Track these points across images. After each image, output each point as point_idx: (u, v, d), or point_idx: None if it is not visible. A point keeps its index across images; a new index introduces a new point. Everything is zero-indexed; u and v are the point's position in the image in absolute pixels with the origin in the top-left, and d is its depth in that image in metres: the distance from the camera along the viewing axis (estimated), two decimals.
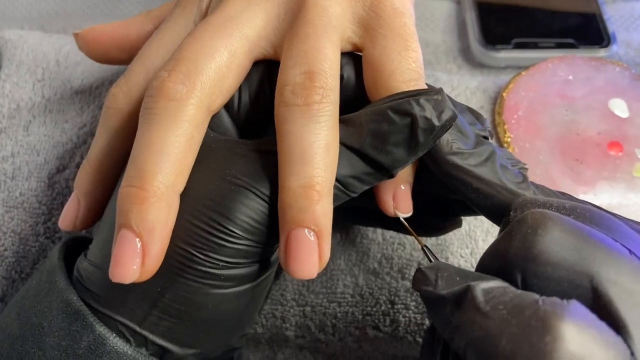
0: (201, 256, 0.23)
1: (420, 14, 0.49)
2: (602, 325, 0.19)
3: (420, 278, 0.23)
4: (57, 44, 0.40)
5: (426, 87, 0.26)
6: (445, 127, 0.24)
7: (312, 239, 0.23)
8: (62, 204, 0.35)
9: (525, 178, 0.25)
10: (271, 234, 0.24)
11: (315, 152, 0.23)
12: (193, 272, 0.24)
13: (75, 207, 0.29)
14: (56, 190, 0.35)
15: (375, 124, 0.24)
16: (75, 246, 0.29)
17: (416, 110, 0.23)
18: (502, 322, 0.19)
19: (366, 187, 0.25)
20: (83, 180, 0.28)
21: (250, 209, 0.24)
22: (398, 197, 0.27)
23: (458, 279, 0.22)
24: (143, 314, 0.24)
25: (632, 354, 0.18)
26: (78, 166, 0.35)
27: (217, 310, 0.25)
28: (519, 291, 0.20)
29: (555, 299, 0.19)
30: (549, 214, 0.21)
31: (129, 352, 0.24)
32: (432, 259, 0.25)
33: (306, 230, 0.23)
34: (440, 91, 0.24)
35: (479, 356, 0.20)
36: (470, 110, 0.28)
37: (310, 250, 0.23)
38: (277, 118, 0.24)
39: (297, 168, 0.23)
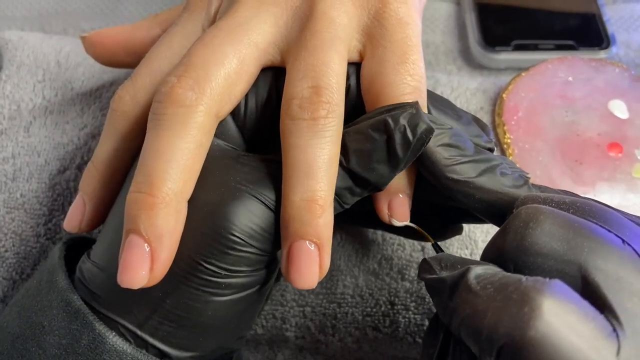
0: (204, 264, 0.24)
1: None
2: (584, 302, 0.20)
3: (425, 267, 0.24)
4: (57, 45, 0.40)
5: (424, 99, 0.27)
6: (422, 140, 0.24)
7: (314, 250, 0.24)
8: (63, 205, 0.35)
9: (526, 181, 0.26)
10: (275, 241, 0.25)
11: (320, 166, 0.24)
12: (195, 280, 0.24)
13: (80, 210, 0.29)
14: (57, 191, 0.35)
15: (358, 143, 0.25)
16: (76, 246, 0.29)
17: (392, 125, 0.24)
18: (489, 299, 0.20)
19: (357, 198, 0.26)
20: (88, 183, 0.28)
21: (255, 215, 0.24)
22: (393, 205, 0.27)
23: (459, 266, 0.23)
24: (144, 317, 0.25)
25: (614, 330, 0.19)
26: (79, 167, 0.35)
27: (216, 317, 0.25)
28: (508, 273, 0.21)
29: (538, 278, 0.20)
30: (542, 208, 0.22)
31: (128, 350, 0.24)
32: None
33: (308, 242, 0.24)
34: (415, 105, 0.24)
35: (469, 333, 0.21)
36: (476, 121, 0.28)
37: (312, 261, 0.24)
38: (282, 130, 0.25)
39: (302, 181, 0.24)
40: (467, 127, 0.27)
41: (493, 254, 0.23)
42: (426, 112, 0.27)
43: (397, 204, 0.27)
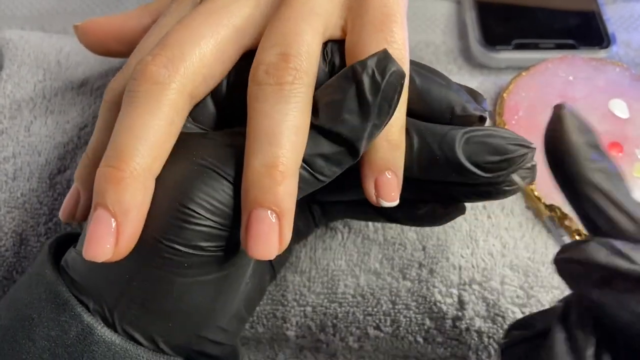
0: (163, 241, 0.23)
1: (420, 14, 0.49)
2: None
3: (606, 251, 0.21)
4: (57, 44, 0.40)
5: (405, 69, 0.26)
6: (393, 84, 0.23)
7: (273, 220, 0.23)
8: None
9: None
10: (236, 216, 0.24)
11: (283, 132, 0.23)
12: (157, 260, 0.23)
13: (75, 199, 0.29)
14: (57, 190, 0.35)
15: (327, 96, 0.24)
16: (68, 241, 0.29)
17: (359, 70, 0.23)
18: None
19: (335, 169, 0.25)
20: (83, 173, 0.28)
21: (212, 189, 0.23)
22: (380, 184, 0.26)
23: None
24: (113, 301, 0.24)
25: None
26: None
27: (182, 300, 0.25)
28: None
29: None
30: None
31: (117, 341, 0.24)
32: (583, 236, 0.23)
33: (268, 211, 0.23)
34: (384, 51, 0.24)
35: None
36: (469, 91, 0.28)
37: (271, 231, 0.23)
38: (249, 96, 0.24)
39: (264, 147, 0.23)
40: (455, 94, 0.26)
41: None
42: (406, 81, 0.26)
43: (383, 182, 0.26)
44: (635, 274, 0.20)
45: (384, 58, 0.24)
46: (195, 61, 0.25)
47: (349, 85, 0.24)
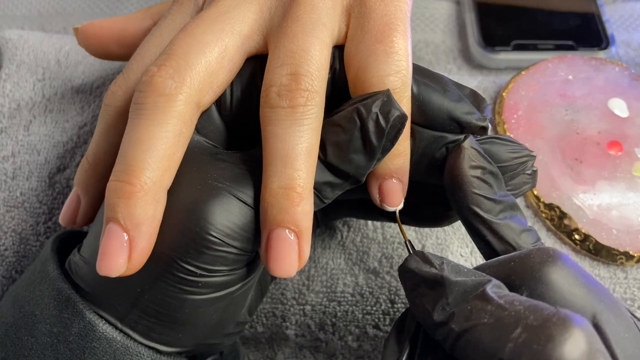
0: (179, 262, 0.23)
1: (420, 14, 0.49)
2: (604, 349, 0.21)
3: (418, 260, 0.24)
4: (57, 43, 0.40)
5: (407, 80, 0.26)
6: (396, 126, 0.24)
7: (293, 238, 0.24)
8: (63, 204, 0.35)
9: (538, 239, 0.25)
10: (255, 239, 0.24)
11: (298, 155, 0.24)
12: (171, 278, 0.24)
13: (75, 204, 0.29)
14: (57, 189, 0.35)
15: (333, 135, 0.24)
16: (71, 239, 0.29)
17: (364, 115, 0.24)
18: (518, 315, 0.21)
19: (338, 192, 0.26)
20: (82, 177, 0.28)
21: (232, 214, 0.24)
22: (384, 189, 0.27)
23: (466, 270, 0.23)
24: (124, 311, 0.25)
25: None
26: (79, 166, 0.35)
27: (194, 314, 0.25)
28: (534, 300, 0.22)
29: (573, 313, 0.21)
30: (562, 253, 0.23)
31: (118, 338, 0.24)
32: (412, 252, 0.26)
33: (287, 230, 0.24)
34: (386, 92, 0.24)
35: (482, 340, 0.21)
36: (474, 96, 0.28)
37: (291, 250, 0.24)
38: (262, 119, 0.25)
39: (280, 170, 0.24)
40: (455, 104, 0.26)
41: (500, 274, 0.23)
42: (409, 92, 0.26)
43: (387, 188, 0.27)
44: (430, 276, 0.23)
45: (387, 102, 0.24)
46: (201, 70, 0.24)
47: (354, 127, 0.24)
